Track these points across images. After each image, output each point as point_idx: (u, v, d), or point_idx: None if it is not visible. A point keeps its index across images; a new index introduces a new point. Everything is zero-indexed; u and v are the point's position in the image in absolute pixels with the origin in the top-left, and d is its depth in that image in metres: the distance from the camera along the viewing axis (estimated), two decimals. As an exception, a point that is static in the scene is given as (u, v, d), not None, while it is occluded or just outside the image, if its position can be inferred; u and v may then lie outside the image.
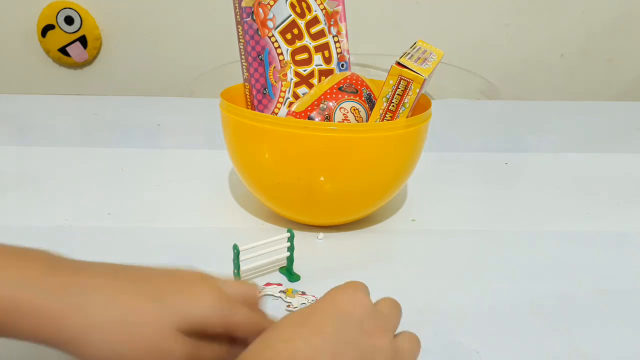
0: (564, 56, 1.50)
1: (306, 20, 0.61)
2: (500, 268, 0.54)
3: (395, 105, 0.54)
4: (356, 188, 0.56)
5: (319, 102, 0.59)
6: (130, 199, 0.66)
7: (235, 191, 0.69)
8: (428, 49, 0.59)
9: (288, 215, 0.61)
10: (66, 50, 1.52)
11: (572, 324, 0.46)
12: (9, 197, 0.66)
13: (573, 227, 0.63)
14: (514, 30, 1.47)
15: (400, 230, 0.61)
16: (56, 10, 1.48)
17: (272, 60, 0.61)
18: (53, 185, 0.70)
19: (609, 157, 0.86)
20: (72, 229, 0.58)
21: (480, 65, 1.46)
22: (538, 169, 0.82)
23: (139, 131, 0.92)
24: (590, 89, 1.52)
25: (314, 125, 0.53)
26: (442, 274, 0.53)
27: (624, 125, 1.04)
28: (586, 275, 0.53)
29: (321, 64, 0.63)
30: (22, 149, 0.80)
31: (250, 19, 0.59)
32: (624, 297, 0.50)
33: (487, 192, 0.72)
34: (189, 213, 0.63)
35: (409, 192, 0.70)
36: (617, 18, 1.46)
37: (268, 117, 0.57)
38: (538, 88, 1.51)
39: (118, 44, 1.52)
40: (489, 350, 0.42)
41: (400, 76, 0.53)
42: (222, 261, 0.51)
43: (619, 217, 0.66)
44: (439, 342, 0.43)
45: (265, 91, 0.61)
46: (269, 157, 0.55)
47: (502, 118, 1.09)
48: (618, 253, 0.58)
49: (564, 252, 0.57)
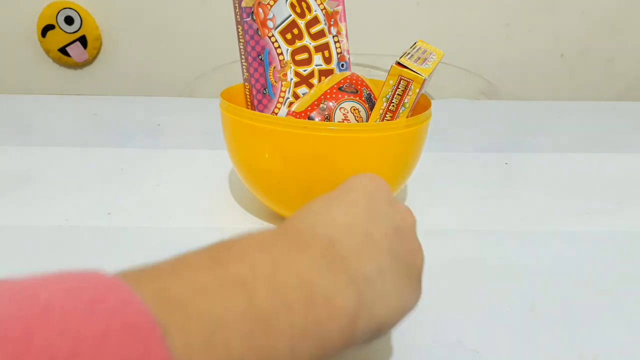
0: (564, 56, 1.50)
1: (306, 20, 0.61)
2: (500, 268, 0.54)
3: (395, 105, 0.54)
4: (356, 188, 0.56)
5: (319, 102, 0.59)
6: (130, 199, 0.66)
7: (235, 191, 0.69)
8: (428, 49, 0.59)
9: (288, 215, 0.61)
10: (66, 50, 1.52)
11: (572, 324, 0.46)
12: (9, 197, 0.66)
13: (573, 227, 0.63)
14: (514, 30, 1.47)
15: (400, 230, 0.61)
16: (56, 10, 1.48)
17: (272, 60, 0.61)
18: (53, 185, 0.70)
19: (609, 157, 0.86)
20: (72, 229, 0.58)
21: (480, 65, 1.46)
22: (538, 169, 0.82)
23: (139, 131, 0.92)
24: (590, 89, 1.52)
25: (314, 125, 0.53)
26: (442, 274, 0.53)
27: (624, 125, 1.04)
28: (586, 275, 0.53)
29: (321, 64, 0.63)
30: (22, 149, 0.80)
31: (250, 19, 0.59)
32: (624, 297, 0.50)
33: (487, 192, 0.72)
34: (189, 213, 0.63)
35: (409, 192, 0.70)
36: (617, 18, 1.46)
37: (268, 117, 0.57)
38: (538, 88, 1.51)
39: (118, 44, 1.52)
40: (489, 350, 0.42)
41: (400, 76, 0.53)
42: (222, 261, 0.51)
43: (619, 217, 0.66)
44: (439, 342, 0.43)
45: (265, 91, 0.61)
46: (269, 157, 0.55)
47: (502, 118, 1.09)
48: (618, 253, 0.58)
49: (564, 252, 0.57)
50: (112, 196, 0.67)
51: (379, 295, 0.30)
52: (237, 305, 0.23)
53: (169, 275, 0.24)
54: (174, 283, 0.23)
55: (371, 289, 0.29)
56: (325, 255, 0.29)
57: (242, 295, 0.24)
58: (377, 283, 0.30)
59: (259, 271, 0.25)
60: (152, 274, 0.24)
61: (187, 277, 0.24)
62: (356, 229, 0.31)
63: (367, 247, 0.31)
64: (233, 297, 0.23)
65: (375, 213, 0.33)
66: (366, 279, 0.30)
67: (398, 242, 0.33)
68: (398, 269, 0.32)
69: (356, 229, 0.31)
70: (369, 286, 0.29)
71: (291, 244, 0.29)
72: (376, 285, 0.30)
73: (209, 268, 0.24)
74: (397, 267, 0.32)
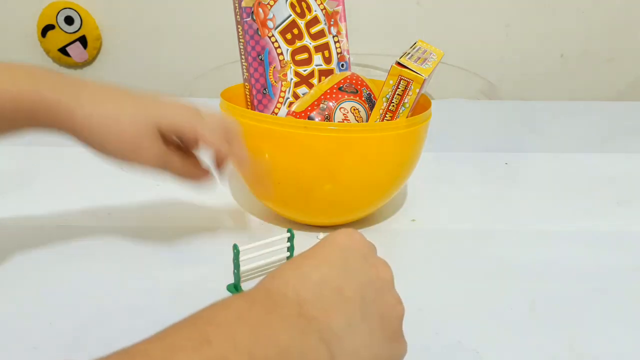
0: (564, 56, 1.50)
1: (306, 20, 0.61)
2: (500, 268, 0.54)
3: (395, 105, 0.54)
4: (356, 188, 0.56)
5: (319, 102, 0.59)
6: (130, 199, 0.66)
7: (235, 191, 0.69)
8: (428, 49, 0.59)
9: (288, 215, 0.61)
10: (66, 50, 1.52)
11: (572, 324, 0.46)
12: (9, 197, 0.66)
13: (573, 227, 0.63)
14: (514, 30, 1.47)
15: (400, 230, 0.61)
16: (56, 10, 1.48)
17: (272, 60, 0.61)
18: (53, 185, 0.70)
19: (609, 157, 0.86)
20: (72, 229, 0.58)
21: (480, 65, 1.46)
22: (538, 169, 0.82)
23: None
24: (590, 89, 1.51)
25: (314, 125, 0.53)
26: (442, 274, 0.53)
27: (624, 125, 1.04)
28: (586, 275, 0.53)
29: (321, 64, 0.63)
30: (22, 149, 0.80)
31: (250, 19, 0.59)
32: (624, 297, 0.50)
33: (487, 192, 0.72)
34: (189, 213, 0.63)
35: (409, 192, 0.70)
36: (617, 18, 1.46)
37: (268, 117, 0.57)
38: (538, 88, 1.51)
39: (118, 44, 1.52)
40: (489, 350, 0.42)
41: (400, 76, 0.53)
42: (222, 261, 0.51)
43: (619, 217, 0.66)
44: (439, 342, 0.43)
45: (265, 91, 0.61)
46: (269, 157, 0.55)
47: (502, 118, 1.09)
48: (618, 253, 0.58)
49: (564, 252, 0.57)
50: (112, 196, 0.67)
51: (348, 350, 0.31)
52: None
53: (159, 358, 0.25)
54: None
55: (340, 345, 0.31)
56: (296, 315, 0.30)
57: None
58: (346, 339, 0.31)
59: (241, 347, 0.27)
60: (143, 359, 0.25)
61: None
62: (326, 285, 0.32)
63: (337, 303, 0.32)
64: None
65: (348, 268, 0.33)
66: (336, 335, 0.31)
67: (371, 295, 0.33)
68: (371, 323, 0.33)
69: (326, 285, 0.32)
70: (338, 342, 0.31)
71: (266, 306, 0.30)
72: (345, 341, 0.31)
73: (193, 349, 0.26)
74: (370, 320, 0.33)
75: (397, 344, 0.34)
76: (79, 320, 0.44)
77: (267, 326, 0.29)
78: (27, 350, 0.41)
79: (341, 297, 0.32)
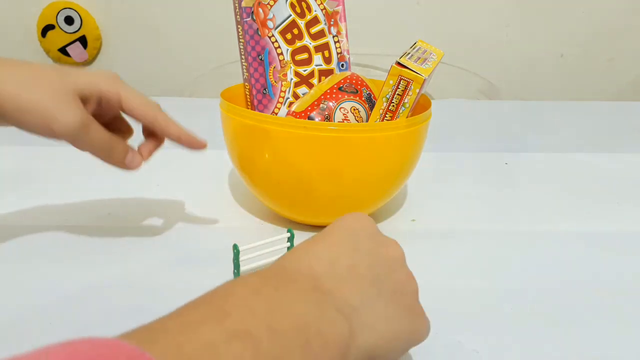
0: (564, 56, 1.50)
1: (306, 20, 0.61)
2: (501, 268, 0.54)
3: (395, 105, 0.54)
4: (356, 188, 0.56)
5: (319, 102, 0.59)
6: (130, 199, 0.66)
7: (235, 191, 0.69)
8: (428, 49, 0.59)
9: (288, 215, 0.61)
10: (66, 50, 1.52)
11: (572, 324, 0.46)
12: (9, 197, 0.66)
13: (573, 227, 0.63)
14: (514, 30, 1.47)
15: (400, 230, 0.61)
16: (56, 10, 1.48)
17: (272, 60, 0.61)
18: (53, 185, 0.70)
19: (609, 157, 0.86)
20: (72, 229, 0.58)
21: (480, 65, 1.46)
22: (538, 169, 0.82)
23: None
24: (590, 89, 1.52)
25: (314, 125, 0.53)
26: (442, 274, 0.53)
27: (624, 125, 1.04)
28: (586, 275, 0.53)
29: (321, 64, 0.63)
30: (22, 149, 0.80)
31: (250, 19, 0.59)
32: (623, 297, 0.50)
33: (487, 192, 0.72)
34: (189, 213, 0.63)
35: (409, 192, 0.70)
36: (617, 18, 1.46)
37: (268, 117, 0.57)
38: (538, 88, 1.51)
39: (118, 44, 1.52)
40: (489, 350, 0.42)
41: (400, 76, 0.53)
42: (222, 261, 0.51)
43: (619, 217, 0.66)
44: (439, 342, 0.43)
45: (265, 91, 0.61)
46: (269, 157, 0.55)
47: (502, 118, 1.09)
48: (618, 253, 0.58)
49: (564, 252, 0.57)
50: (112, 196, 0.67)
51: (366, 324, 0.31)
52: (244, 357, 0.25)
53: (178, 332, 0.25)
54: (185, 340, 0.24)
55: (357, 318, 0.31)
56: (311, 289, 0.31)
57: (247, 350, 0.25)
58: (363, 312, 0.31)
59: (259, 318, 0.27)
60: (163, 334, 0.25)
61: (195, 333, 0.25)
62: (339, 262, 0.33)
63: (351, 279, 0.32)
64: (240, 351, 0.25)
65: (359, 248, 0.34)
66: (353, 308, 0.31)
67: (384, 273, 0.34)
68: (386, 298, 0.33)
69: (339, 262, 0.33)
70: (355, 315, 0.31)
71: (281, 281, 0.31)
72: (362, 314, 0.31)
73: (214, 321, 0.26)
74: (384, 296, 0.33)
75: (416, 318, 0.35)
76: (79, 320, 0.44)
77: (282, 299, 0.29)
78: (27, 350, 0.41)
79: (354, 273, 0.33)
